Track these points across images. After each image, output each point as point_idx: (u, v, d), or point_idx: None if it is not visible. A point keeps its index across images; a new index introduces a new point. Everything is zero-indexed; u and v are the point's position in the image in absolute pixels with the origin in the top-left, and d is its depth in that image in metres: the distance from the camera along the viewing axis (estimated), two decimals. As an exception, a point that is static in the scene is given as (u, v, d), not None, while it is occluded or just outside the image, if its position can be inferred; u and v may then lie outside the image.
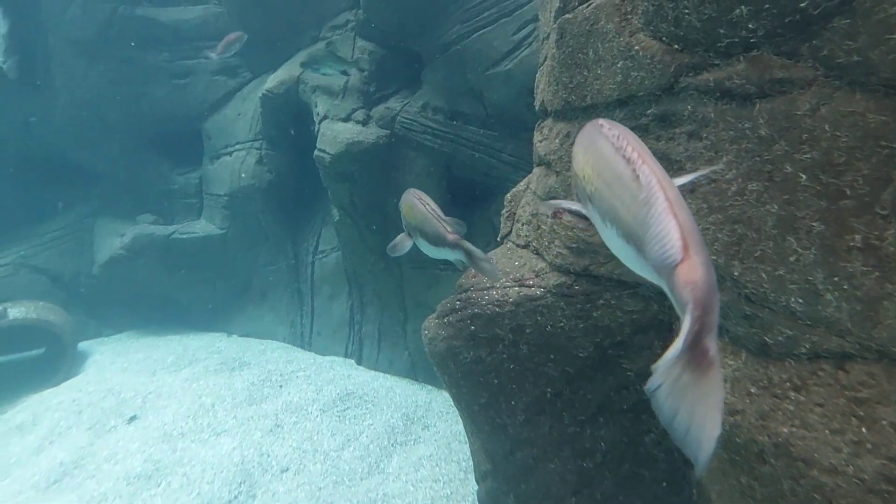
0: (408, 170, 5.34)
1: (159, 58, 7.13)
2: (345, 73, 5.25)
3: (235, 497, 3.43)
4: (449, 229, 2.37)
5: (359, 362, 5.99)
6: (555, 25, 2.07)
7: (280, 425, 4.26)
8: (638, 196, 1.03)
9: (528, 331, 2.19)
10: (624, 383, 2.25)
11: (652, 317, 2.12)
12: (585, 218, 1.36)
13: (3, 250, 6.73)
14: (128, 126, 7.32)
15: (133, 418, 4.39)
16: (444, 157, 5.31)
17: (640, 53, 1.74)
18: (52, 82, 7.19)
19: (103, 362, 5.73)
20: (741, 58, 1.51)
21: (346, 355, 6.13)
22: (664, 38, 1.68)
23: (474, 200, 5.57)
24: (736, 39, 1.50)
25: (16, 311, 5.41)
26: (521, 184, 2.73)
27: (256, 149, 6.77)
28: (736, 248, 1.56)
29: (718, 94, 1.57)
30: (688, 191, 1.64)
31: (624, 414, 2.27)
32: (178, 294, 7.18)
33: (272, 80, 6.33)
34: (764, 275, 1.49)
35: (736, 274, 1.57)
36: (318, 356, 6.14)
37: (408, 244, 2.77)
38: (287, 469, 3.71)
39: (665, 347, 2.14)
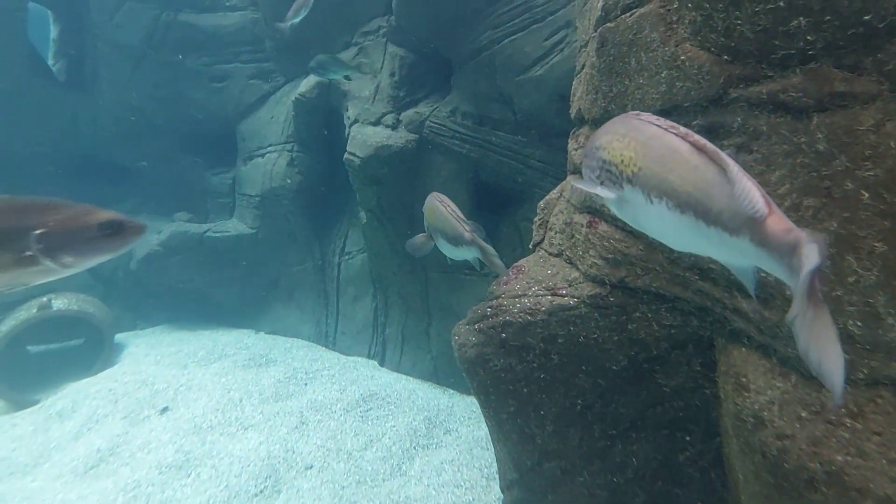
0: (435, 174, 5.37)
1: (198, 62, 7.39)
2: (347, 77, 5.48)
3: (261, 491, 3.50)
4: (466, 227, 2.52)
5: (381, 364, 6.04)
6: (595, 34, 2.05)
7: (305, 423, 4.33)
8: (699, 165, 1.09)
9: (559, 341, 2.17)
10: (659, 399, 2.20)
11: (691, 332, 2.07)
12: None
13: (49, 244, 7.07)
14: (167, 127, 7.61)
15: (165, 409, 4.54)
16: (472, 162, 5.32)
17: (687, 64, 1.71)
18: (98, 85, 7.54)
19: (138, 354, 5.94)
20: (797, 70, 1.46)
21: (369, 356, 6.19)
22: (713, 49, 1.65)
23: (501, 206, 5.56)
24: (792, 51, 1.46)
25: (59, 303, 5.67)
26: (555, 192, 2.71)
27: (288, 151, 6.94)
28: None
29: (772, 107, 1.53)
30: None
31: (658, 430, 2.21)
32: (209, 290, 7.39)
33: (305, 85, 6.47)
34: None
35: (788, 292, 1.52)
36: (341, 356, 6.22)
37: (428, 245, 2.92)
38: (311, 466, 3.76)
39: (705, 364, 2.09)
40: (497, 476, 3.47)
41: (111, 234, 1.51)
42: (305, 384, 5.19)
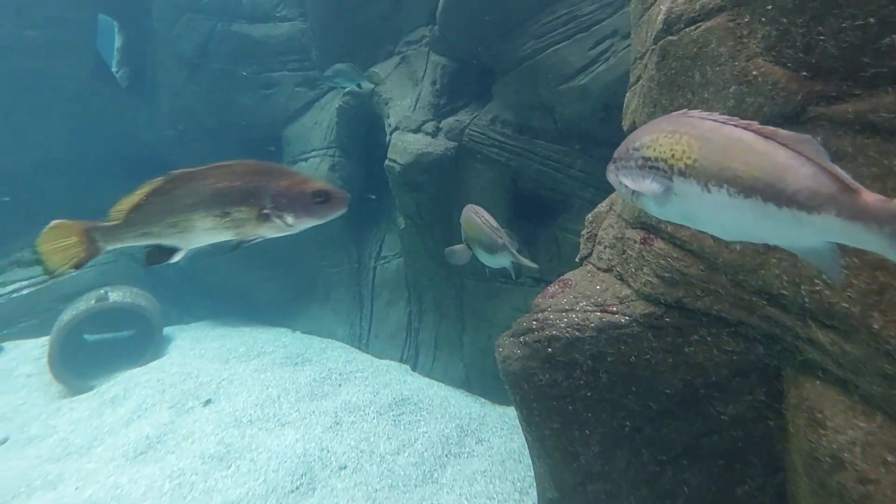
0: (474, 182, 5.39)
1: (248, 70, 7.73)
2: (359, 85, 5.65)
3: (297, 488, 3.59)
4: (500, 234, 2.71)
5: (414, 368, 6.09)
6: (654, 47, 2.02)
7: (339, 423, 4.42)
8: (767, 150, 1.11)
9: (609, 359, 2.12)
10: (715, 427, 2.11)
11: (756, 360, 1.97)
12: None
13: (108, 239, 7.54)
14: (218, 131, 7.98)
15: (208, 401, 4.73)
16: (511, 170, 5.31)
17: (760, 79, 1.65)
18: (156, 91, 8.01)
19: (184, 347, 6.23)
20: (889, 90, 1.39)
21: (401, 360, 6.25)
22: (790, 65, 1.59)
23: (539, 216, 5.52)
24: (884, 70, 1.38)
25: (115, 295, 6.03)
26: (604, 204, 2.67)
27: (330, 156, 7.13)
28: (877, 298, 1.44)
29: (858, 127, 1.46)
30: None
31: (713, 460, 2.12)
32: (250, 289, 7.67)
33: (348, 93, 6.65)
34: (912, 332, 1.35)
35: (875, 326, 1.44)
36: (374, 359, 6.31)
37: (466, 255, 3.08)
38: (345, 467, 3.83)
39: (770, 395, 1.99)
40: (531, 491, 3.44)
41: (322, 202, 1.70)
42: (339, 385, 5.30)
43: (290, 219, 1.68)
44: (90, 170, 7.70)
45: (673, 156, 1.26)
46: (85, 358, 5.94)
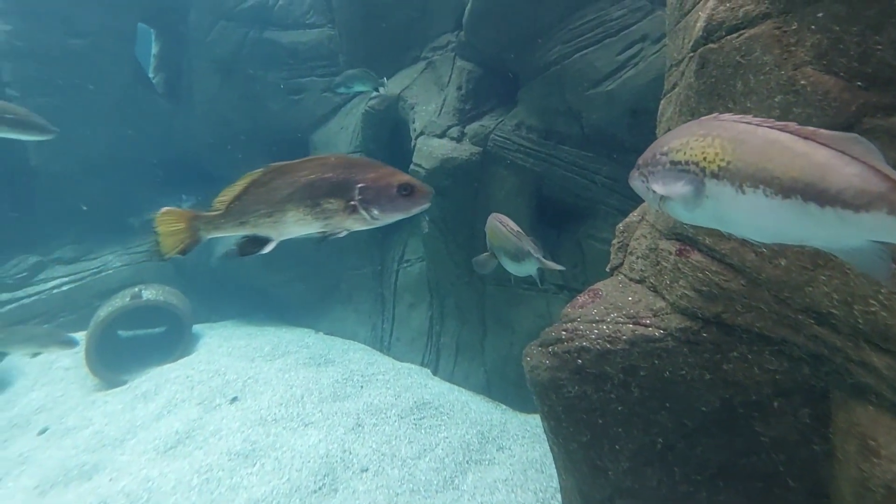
0: (498, 187, 5.38)
1: (278, 76, 7.92)
2: (376, 88, 5.71)
3: (320, 488, 3.64)
4: (526, 241, 2.79)
5: (434, 372, 6.10)
6: (693, 54, 1.97)
7: (361, 425, 4.46)
8: (806, 150, 1.10)
9: (641, 373, 2.07)
10: (754, 448, 2.02)
11: (801, 381, 1.89)
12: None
13: (144, 239, 7.83)
14: (249, 136, 8.20)
15: (235, 399, 4.85)
16: (536, 176, 5.28)
17: (809, 88, 1.59)
18: (191, 96, 8.29)
19: (212, 345, 6.41)
20: None
21: (422, 364, 6.27)
22: (842, 74, 1.53)
23: (564, 222, 5.46)
24: None
25: (148, 293, 6.25)
26: (635, 214, 2.62)
27: (355, 160, 7.23)
28: None
29: None
30: None
31: (751, 482, 2.04)
32: (275, 289, 7.83)
33: (374, 98, 6.73)
34: None
35: None
36: (396, 362, 6.35)
37: (492, 263, 3.13)
38: (367, 469, 3.86)
39: (815, 418, 1.91)
40: (553, 502, 3.39)
41: (407, 195, 1.71)
42: (361, 387, 5.35)
43: (375, 211, 1.71)
44: (129, 173, 8.02)
45: (705, 158, 1.25)
46: (119, 353, 6.18)
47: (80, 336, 6.06)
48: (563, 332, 2.25)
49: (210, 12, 7.80)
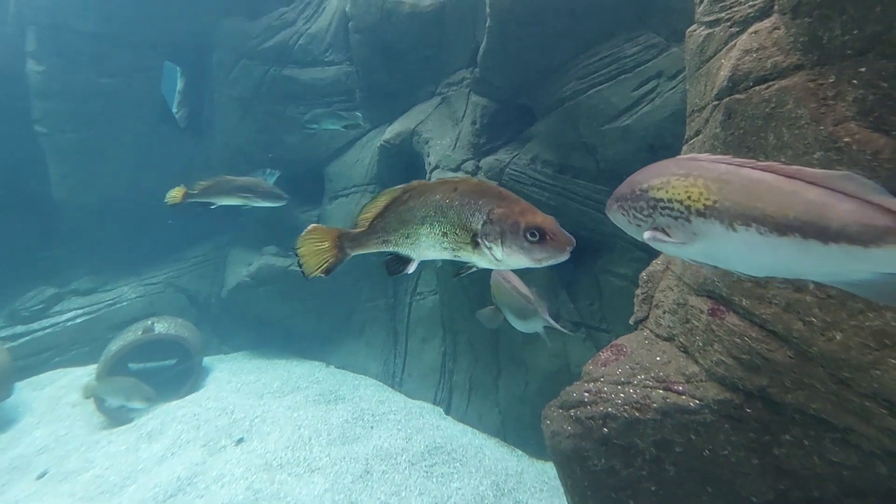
0: (513, 222, 5.29)
1: (296, 111, 8.09)
2: (346, 127, 5.78)
3: (324, 544, 3.43)
4: (531, 300, 2.69)
5: (447, 411, 5.87)
6: (717, 103, 1.87)
7: (370, 472, 4.25)
8: (796, 189, 1.14)
9: (677, 449, 1.86)
10: None
11: (876, 481, 1.63)
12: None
13: (158, 270, 7.90)
14: (266, 168, 8.31)
15: (241, 440, 4.70)
16: (551, 210, 5.15)
17: (854, 147, 1.48)
18: (211, 131, 8.51)
19: (221, 380, 6.30)
20: None
21: (434, 402, 6.05)
22: (894, 133, 1.41)
23: (579, 256, 5.31)
24: None
25: (160, 326, 6.23)
26: (658, 262, 2.46)
27: (370, 192, 7.25)
28: None
29: None
30: None
31: None
32: (287, 321, 7.76)
33: (389, 132, 6.79)
34: None
35: None
36: (407, 399, 6.14)
37: (498, 317, 3.06)
38: (374, 523, 3.64)
39: None
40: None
41: (535, 241, 1.45)
42: (372, 427, 5.15)
43: (498, 251, 1.48)
44: (149, 206, 8.17)
45: (689, 197, 1.29)
46: (128, 387, 6.10)
47: (91, 369, 6.03)
48: (586, 394, 2.06)
49: (233, 51, 8.07)
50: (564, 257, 1.48)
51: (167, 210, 8.29)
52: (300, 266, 1.76)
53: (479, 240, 1.50)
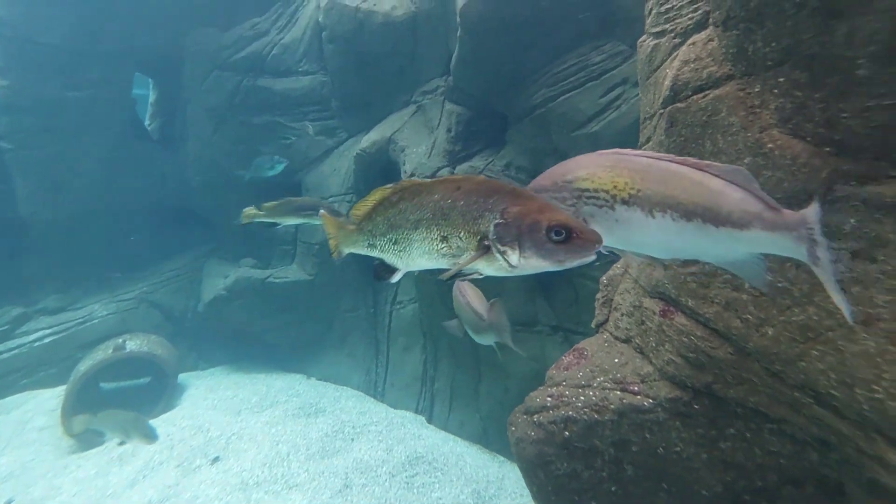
0: (489, 228, 5.32)
1: (272, 121, 8.03)
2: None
3: (301, 562, 3.36)
4: (483, 315, 2.78)
5: (429, 420, 5.84)
6: (663, 111, 1.93)
7: (349, 486, 4.19)
8: (702, 179, 1.30)
9: (634, 448, 1.90)
10: None
11: (809, 468, 1.70)
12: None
13: (131, 286, 7.70)
14: (242, 180, 8.22)
15: (216, 459, 4.58)
16: (527, 216, 5.22)
17: (777, 152, 1.55)
18: (185, 142, 8.37)
19: (196, 397, 6.15)
20: None
21: (417, 411, 6.01)
22: (809, 139, 1.48)
23: (556, 261, 5.36)
24: None
25: (132, 343, 6.06)
26: (618, 265, 2.50)
27: (347, 201, 7.21)
28: None
29: None
30: (860, 322, 1.40)
31: None
32: (266, 334, 7.63)
33: (366, 141, 6.78)
34: None
35: None
36: (389, 409, 6.09)
37: (460, 329, 3.13)
38: (353, 538, 3.58)
39: None
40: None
41: (560, 241, 1.25)
42: (352, 440, 5.08)
43: (514, 257, 1.29)
44: (121, 220, 7.99)
45: (615, 186, 1.39)
46: (99, 408, 5.91)
47: (60, 390, 5.83)
48: (549, 399, 2.08)
49: (206, 62, 7.98)
50: (592, 258, 1.29)
51: (139, 224, 8.15)
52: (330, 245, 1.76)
53: (490, 244, 1.31)
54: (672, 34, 1.92)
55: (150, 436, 4.81)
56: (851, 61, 1.30)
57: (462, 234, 1.37)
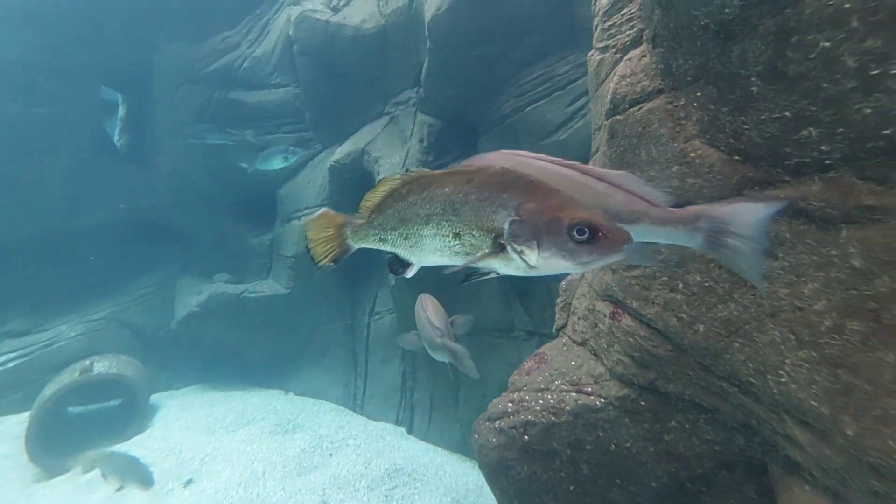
0: (463, 237, 5.36)
1: (244, 133, 7.95)
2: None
3: (276, 583, 3.29)
4: (438, 334, 2.73)
5: (410, 431, 5.80)
6: (606, 123, 2.02)
7: (326, 502, 4.13)
8: (589, 183, 1.41)
9: (588, 447, 1.95)
10: None
11: (738, 452, 1.81)
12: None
13: (99, 305, 7.48)
14: (214, 193, 8.11)
15: (189, 482, 4.47)
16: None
17: (697, 161, 1.65)
18: (155, 156, 8.23)
19: (169, 418, 5.99)
20: (816, 178, 1.38)
21: (396, 422, 5.97)
22: (722, 148, 1.58)
23: (530, 267, 5.43)
24: (807, 160, 1.39)
25: (100, 365, 5.88)
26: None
27: (322, 214, 7.17)
28: (843, 399, 1.33)
29: (792, 213, 1.44)
30: (769, 315, 1.49)
31: None
32: (243, 350, 7.50)
33: (340, 152, 6.79)
34: (893, 443, 1.22)
35: (850, 433, 1.31)
36: (369, 422, 6.03)
37: (417, 343, 3.13)
38: (329, 555, 3.53)
39: (761, 493, 1.82)
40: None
41: (583, 241, 1.16)
42: (330, 455, 5.02)
43: (532, 256, 1.19)
44: (88, 238, 7.78)
45: None
46: (66, 434, 5.70)
47: (26, 416, 5.61)
48: (510, 405, 2.12)
49: (176, 75, 7.89)
50: (618, 257, 1.18)
51: (108, 241, 7.93)
52: (309, 251, 1.60)
53: (506, 242, 1.21)
54: (614, 49, 2.01)
55: (147, 481, 4.57)
56: (746, 79, 1.42)
57: (475, 231, 1.27)
